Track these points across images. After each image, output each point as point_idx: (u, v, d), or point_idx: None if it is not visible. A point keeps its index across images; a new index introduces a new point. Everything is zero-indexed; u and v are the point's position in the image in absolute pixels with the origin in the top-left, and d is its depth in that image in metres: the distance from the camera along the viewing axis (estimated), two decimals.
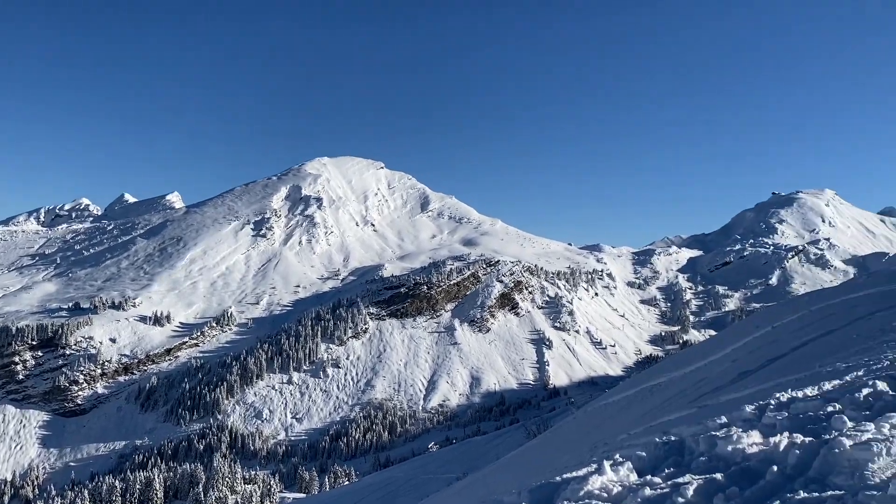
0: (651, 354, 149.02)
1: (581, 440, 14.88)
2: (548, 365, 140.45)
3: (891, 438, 4.35)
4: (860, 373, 7.06)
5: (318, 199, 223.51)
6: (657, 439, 5.93)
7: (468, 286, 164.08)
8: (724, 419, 6.07)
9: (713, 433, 5.44)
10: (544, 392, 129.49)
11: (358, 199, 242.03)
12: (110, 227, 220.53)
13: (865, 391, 5.90)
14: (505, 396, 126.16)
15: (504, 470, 17.29)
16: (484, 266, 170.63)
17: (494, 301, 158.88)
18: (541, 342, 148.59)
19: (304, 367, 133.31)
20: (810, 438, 4.83)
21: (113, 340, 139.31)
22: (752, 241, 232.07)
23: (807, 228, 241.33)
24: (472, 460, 42.36)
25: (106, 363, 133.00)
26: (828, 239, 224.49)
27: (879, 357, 7.68)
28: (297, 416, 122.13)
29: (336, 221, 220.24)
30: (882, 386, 5.98)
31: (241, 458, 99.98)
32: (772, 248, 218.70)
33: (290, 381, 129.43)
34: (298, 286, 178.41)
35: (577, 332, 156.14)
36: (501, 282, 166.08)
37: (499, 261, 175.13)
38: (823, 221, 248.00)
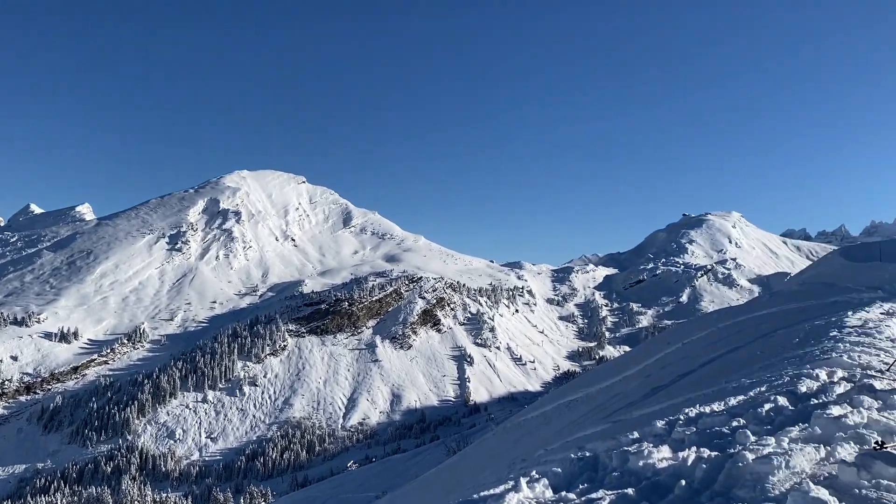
0: (569, 370, 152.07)
1: (500, 457, 14.99)
2: (469, 381, 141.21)
3: (789, 452, 4.56)
4: (763, 388, 7.39)
5: (237, 213, 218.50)
6: (573, 455, 6.03)
7: (390, 303, 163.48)
8: (636, 434, 6.24)
9: (626, 448, 5.57)
10: (465, 409, 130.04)
11: (278, 214, 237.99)
12: (14, 239, 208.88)
13: (767, 406, 6.18)
14: (426, 413, 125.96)
15: (423, 488, 17.22)
16: (406, 282, 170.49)
17: (416, 317, 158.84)
18: (462, 359, 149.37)
19: (220, 386, 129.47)
20: (716, 453, 5.01)
21: (14, 358, 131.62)
22: (664, 260, 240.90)
23: (715, 249, 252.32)
24: (391, 479, 42.01)
25: (6, 382, 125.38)
26: (734, 259, 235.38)
27: (780, 373, 8.07)
28: (212, 436, 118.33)
29: (255, 236, 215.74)
30: (782, 401, 6.28)
31: (152, 481, 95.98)
32: (682, 267, 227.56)
33: (204, 400, 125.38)
34: (215, 302, 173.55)
35: (497, 348, 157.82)
36: (424, 298, 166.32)
37: (421, 277, 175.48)
38: (730, 242, 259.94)
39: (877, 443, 4.72)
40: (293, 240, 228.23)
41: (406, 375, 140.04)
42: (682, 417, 6.50)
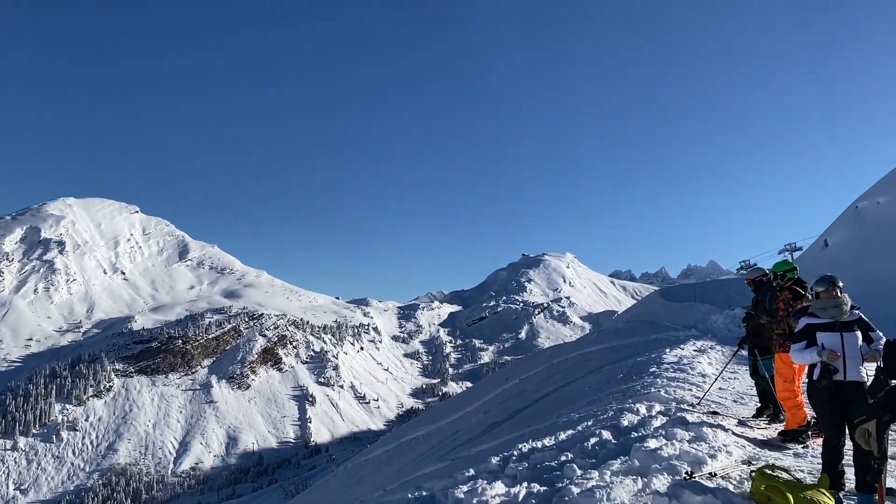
0: (413, 407, 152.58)
1: (339, 499, 14.65)
2: (310, 422, 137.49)
3: (611, 485, 4.82)
4: (590, 423, 7.79)
5: (61, 243, 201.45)
6: (410, 495, 6.01)
7: (228, 340, 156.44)
8: (472, 472, 6.33)
9: (461, 486, 5.64)
10: (305, 450, 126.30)
11: (108, 245, 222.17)
12: None
13: (593, 440, 6.51)
14: (264, 456, 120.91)
15: None
16: (247, 319, 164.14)
17: (256, 356, 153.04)
18: (304, 398, 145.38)
19: (34, 431, 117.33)
20: (545, 487, 5.19)
21: None
22: (504, 297, 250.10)
23: (551, 287, 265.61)
24: None
25: None
26: (568, 297, 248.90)
27: (605, 408, 8.56)
28: (22, 488, 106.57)
29: (80, 268, 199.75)
30: (606, 435, 6.65)
31: None
32: (521, 304, 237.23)
33: (14, 448, 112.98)
34: (31, 339, 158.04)
35: (341, 386, 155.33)
36: (265, 336, 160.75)
37: (263, 314, 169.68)
38: (565, 281, 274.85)
39: (686, 472, 5.10)
40: (123, 273, 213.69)
41: (244, 417, 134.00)
42: (515, 453, 6.69)
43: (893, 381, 4.38)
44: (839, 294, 5.03)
